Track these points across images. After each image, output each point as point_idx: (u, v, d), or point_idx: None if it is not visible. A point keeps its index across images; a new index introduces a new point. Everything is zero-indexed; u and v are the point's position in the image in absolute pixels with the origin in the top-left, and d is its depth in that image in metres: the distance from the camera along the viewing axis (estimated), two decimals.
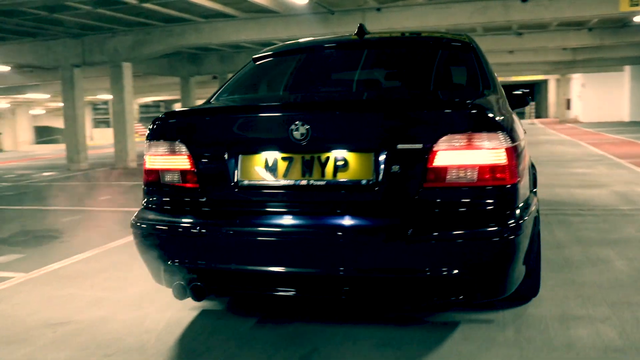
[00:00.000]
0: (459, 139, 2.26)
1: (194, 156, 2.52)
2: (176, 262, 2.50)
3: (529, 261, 2.58)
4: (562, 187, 7.51)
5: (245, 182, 2.47)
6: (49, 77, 23.03)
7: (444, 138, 2.27)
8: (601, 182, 7.96)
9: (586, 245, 4.39)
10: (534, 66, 30.86)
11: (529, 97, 4.02)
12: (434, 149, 2.27)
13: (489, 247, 2.26)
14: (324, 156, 2.39)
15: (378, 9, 12.61)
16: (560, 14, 11.48)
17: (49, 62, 15.74)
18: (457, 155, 2.27)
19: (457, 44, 3.29)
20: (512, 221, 2.29)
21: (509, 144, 2.31)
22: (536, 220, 2.74)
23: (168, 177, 2.59)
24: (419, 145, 2.29)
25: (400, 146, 2.31)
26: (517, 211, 2.35)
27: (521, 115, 44.91)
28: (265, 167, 2.45)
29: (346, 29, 12.50)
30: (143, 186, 2.71)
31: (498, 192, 2.29)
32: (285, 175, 2.43)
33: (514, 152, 2.34)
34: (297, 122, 2.34)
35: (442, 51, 3.36)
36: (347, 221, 2.33)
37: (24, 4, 10.20)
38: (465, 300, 2.35)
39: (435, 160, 2.28)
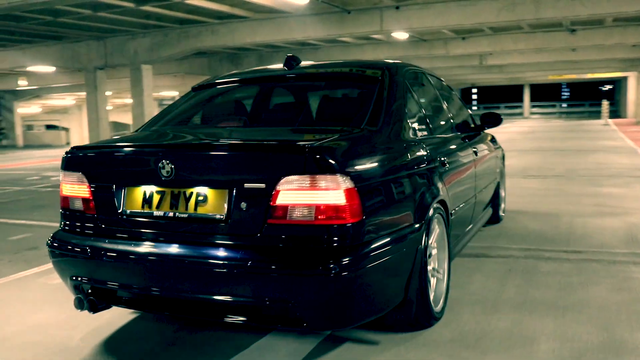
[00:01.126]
0: (297, 180, 2.42)
1: (91, 187, 2.88)
2: (75, 278, 2.89)
3: (381, 295, 2.74)
4: (572, 216, 6.43)
5: (129, 212, 2.78)
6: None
7: (284, 179, 2.43)
8: (626, 208, 6.81)
9: (525, 311, 3.47)
10: (605, 63, 28.74)
11: (500, 118, 4.84)
12: (276, 188, 2.45)
13: (322, 283, 2.40)
14: (188, 191, 2.64)
15: (397, 7, 11.72)
16: (596, 10, 10.23)
17: (74, 64, 15.72)
18: (297, 195, 2.43)
19: (365, 77, 3.50)
20: (348, 259, 2.42)
21: (349, 186, 2.44)
22: (416, 255, 2.92)
23: (75, 204, 2.96)
24: (263, 185, 2.48)
25: (247, 185, 2.51)
26: (359, 249, 2.49)
27: (596, 115, 42.31)
28: (143, 199, 2.74)
29: (363, 29, 11.72)
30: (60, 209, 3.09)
31: (335, 231, 2.43)
32: (158, 207, 2.71)
33: (356, 193, 2.47)
34: (163, 161, 2.62)
35: (348, 84, 3.71)
36: (202, 252, 2.57)
37: (18, 7, 9.94)
38: (309, 329, 2.55)
39: (277, 199, 2.45)
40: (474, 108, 57.56)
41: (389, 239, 2.70)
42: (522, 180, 9.62)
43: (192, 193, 2.64)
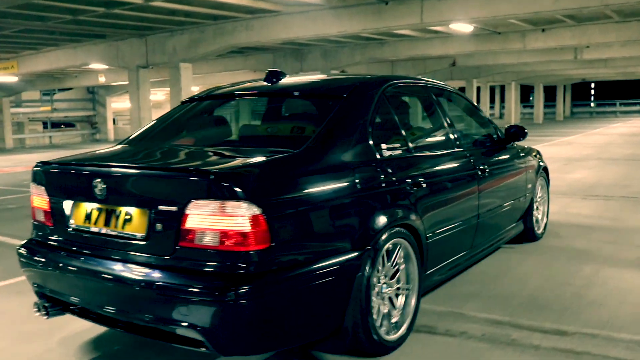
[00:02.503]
0: (204, 205, 2.48)
1: (50, 200, 3.07)
2: (34, 285, 3.13)
3: (287, 324, 2.66)
4: (601, 264, 4.85)
5: (74, 226, 2.97)
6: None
7: (193, 203, 2.50)
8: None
9: None
10: None
11: (524, 131, 4.87)
12: (186, 212, 2.51)
13: (223, 309, 2.43)
14: (118, 209, 2.79)
15: None
16: None
17: (119, 63, 15.43)
18: (204, 220, 2.49)
19: (329, 95, 3.44)
20: (250, 286, 2.43)
21: (256, 212, 2.45)
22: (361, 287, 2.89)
23: (38, 216, 3.18)
24: (175, 208, 2.55)
25: (161, 207, 2.62)
26: (265, 277, 2.49)
27: None
28: (85, 215, 2.92)
29: (402, 22, 10.40)
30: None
31: (239, 257, 2.46)
32: (95, 223, 2.87)
33: (264, 220, 2.46)
34: (97, 180, 2.80)
35: (314, 102, 3.61)
36: (124, 268, 2.70)
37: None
38: (217, 353, 2.55)
39: (186, 222, 2.52)
40: (592, 105, 53.62)
41: (310, 267, 2.67)
42: (578, 201, 7.95)
43: (121, 211, 2.78)
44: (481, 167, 4.24)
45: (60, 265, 2.93)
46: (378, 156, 3.22)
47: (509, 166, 4.89)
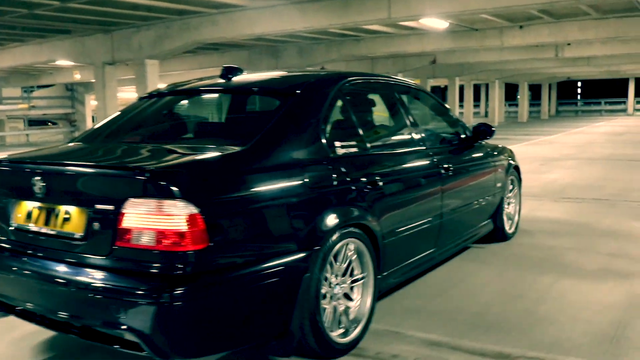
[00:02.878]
0: (140, 204, 2.43)
1: None
2: None
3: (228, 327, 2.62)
4: (561, 275, 4.51)
5: (16, 225, 2.92)
6: None
7: (129, 201, 2.45)
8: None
9: None
10: None
11: (491, 129, 4.88)
12: (122, 210, 2.46)
13: (156, 312, 2.36)
14: (57, 208, 2.75)
15: None
16: None
17: (84, 59, 14.96)
18: (141, 219, 2.43)
19: (282, 92, 3.40)
20: (186, 288, 2.37)
21: (193, 211, 2.39)
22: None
23: None
24: (112, 207, 2.51)
25: (99, 206, 2.57)
26: (202, 278, 2.43)
27: None
28: (26, 214, 2.87)
29: (368, 17, 10.05)
30: None
31: (175, 258, 2.40)
32: (36, 222, 2.83)
33: (201, 219, 2.40)
34: (37, 179, 2.74)
35: (266, 99, 3.64)
36: (62, 269, 2.67)
37: None
38: (152, 356, 2.45)
39: (123, 222, 2.47)
40: (578, 103, 53.61)
41: (253, 268, 2.62)
42: (549, 204, 7.62)
43: (60, 210, 2.73)
44: (445, 165, 4.19)
45: (1, 266, 2.89)
46: (331, 154, 3.16)
47: (476, 165, 4.87)
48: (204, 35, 12.65)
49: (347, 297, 3.22)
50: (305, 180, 2.91)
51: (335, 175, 3.10)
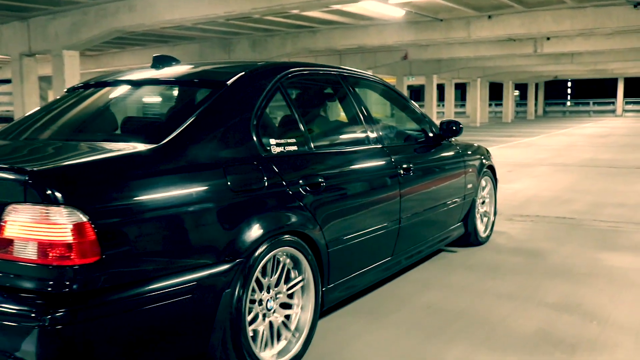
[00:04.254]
0: (22, 210, 2.17)
1: None
2: None
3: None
4: None
5: None
6: None
7: (10, 207, 2.19)
8: (609, 336, 3.44)
9: None
10: None
11: (460, 126, 4.66)
12: (3, 217, 2.19)
13: (39, 335, 2.09)
14: None
15: None
16: None
17: (0, 50, 13.41)
18: (23, 228, 2.17)
19: (213, 82, 3.14)
20: (71, 308, 2.09)
21: (81, 219, 2.13)
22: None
23: None
24: None
25: None
26: (94, 296, 2.16)
27: None
28: None
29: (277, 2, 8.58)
30: None
31: (60, 274, 2.13)
32: None
33: (92, 229, 2.14)
34: None
35: (196, 91, 3.25)
36: None
37: None
38: None
39: (4, 230, 2.20)
40: (566, 104, 52.72)
41: (155, 284, 2.30)
42: (500, 224, 6.22)
43: None
44: (404, 165, 3.95)
45: None
46: (263, 154, 2.89)
47: (442, 165, 4.63)
48: (122, 22, 11.21)
49: (285, 314, 2.95)
50: (228, 183, 2.62)
51: (267, 177, 2.82)
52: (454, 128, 4.61)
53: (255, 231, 2.65)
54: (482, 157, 5.36)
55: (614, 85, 47.62)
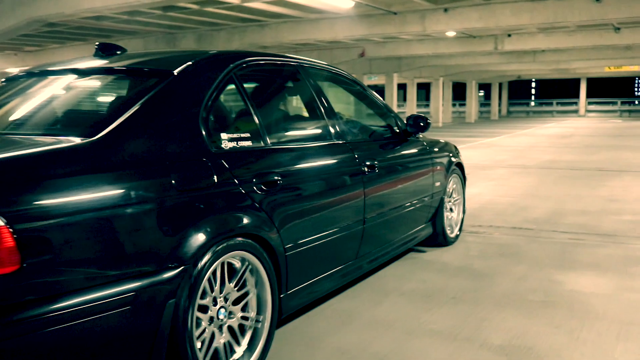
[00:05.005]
0: None
1: None
2: None
3: None
4: None
5: None
6: None
7: None
8: None
9: None
10: None
11: (427, 121, 4.49)
12: None
13: None
14: None
15: None
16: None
17: None
18: None
19: (159, 72, 2.89)
20: None
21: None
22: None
23: None
24: None
25: None
26: (14, 311, 1.92)
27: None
28: None
29: None
30: None
31: None
32: None
33: (9, 234, 1.92)
34: None
35: (142, 81, 2.97)
36: None
37: None
38: None
39: None
40: (530, 104, 52.90)
41: (88, 295, 2.08)
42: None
43: None
44: (369, 163, 3.77)
45: None
46: (213, 149, 2.68)
47: (409, 162, 4.50)
48: (41, 11, 10.23)
49: (239, 325, 2.73)
50: (173, 181, 2.39)
51: (217, 175, 2.61)
52: (421, 123, 4.42)
53: (203, 234, 2.45)
54: (451, 155, 5.20)
55: (576, 86, 47.84)
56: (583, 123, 33.06)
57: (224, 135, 2.82)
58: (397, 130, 4.43)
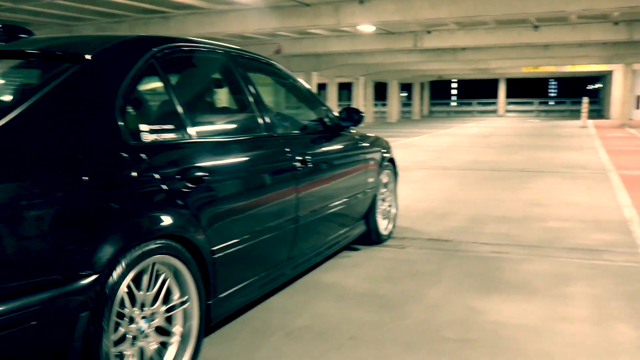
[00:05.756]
0: None
1: None
2: None
3: None
4: None
5: None
6: None
7: None
8: None
9: None
10: (585, 51, 24.04)
11: (360, 114, 4.40)
12: None
13: None
14: None
15: None
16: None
17: None
18: None
19: (73, 56, 2.64)
20: None
21: None
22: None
23: None
24: None
25: None
26: None
27: (578, 115, 38.27)
28: None
29: None
30: None
31: None
32: None
33: None
34: None
35: (48, 66, 2.74)
36: None
37: None
38: None
39: None
40: (451, 104, 53.67)
41: None
42: (352, 253, 4.63)
43: None
44: (301, 157, 3.62)
45: None
46: (132, 142, 2.45)
47: (342, 157, 4.33)
48: None
49: (160, 341, 2.51)
50: (84, 177, 2.16)
51: (135, 171, 2.39)
52: (355, 117, 4.36)
53: (120, 237, 2.21)
54: (383, 149, 5.11)
55: (496, 86, 48.82)
56: (502, 123, 33.42)
57: (143, 127, 2.60)
58: (330, 124, 4.29)
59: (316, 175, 3.83)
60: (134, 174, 2.39)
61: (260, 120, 3.47)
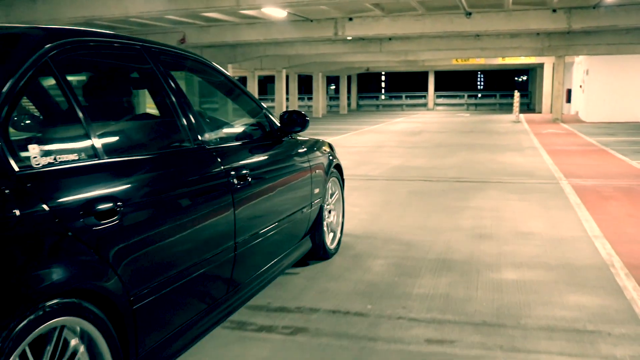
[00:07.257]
0: None
1: None
2: None
3: None
4: None
5: None
6: None
7: None
8: None
9: None
10: (517, 42, 22.92)
11: (306, 119, 3.94)
12: None
13: None
14: None
15: None
16: None
17: None
18: None
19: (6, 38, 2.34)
20: None
21: None
22: None
23: None
24: None
25: None
26: None
27: (508, 108, 37.63)
28: None
29: None
30: None
31: None
32: None
33: None
34: None
35: None
36: None
37: None
38: None
39: None
40: (380, 97, 52.47)
41: None
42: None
43: None
44: (238, 172, 3.16)
45: None
46: (17, 167, 1.96)
47: (285, 167, 3.94)
48: None
49: None
50: None
51: (19, 207, 1.87)
52: (298, 121, 3.91)
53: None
54: (329, 155, 4.70)
55: (425, 79, 47.98)
56: (432, 117, 32.26)
57: (33, 148, 2.08)
58: (270, 130, 3.86)
59: (257, 193, 3.34)
60: (17, 212, 1.86)
61: (188, 130, 2.96)
